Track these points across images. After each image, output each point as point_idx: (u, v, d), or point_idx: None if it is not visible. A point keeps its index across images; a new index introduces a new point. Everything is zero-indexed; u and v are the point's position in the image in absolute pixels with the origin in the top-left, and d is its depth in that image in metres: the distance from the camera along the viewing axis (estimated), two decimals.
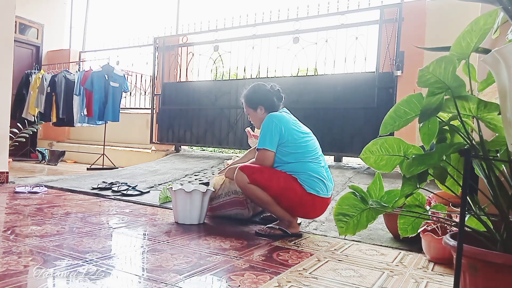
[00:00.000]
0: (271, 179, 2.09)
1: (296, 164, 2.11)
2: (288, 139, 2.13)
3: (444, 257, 1.71)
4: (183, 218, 2.30)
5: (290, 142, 2.13)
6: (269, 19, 4.79)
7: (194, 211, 2.29)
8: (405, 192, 1.18)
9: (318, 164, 2.14)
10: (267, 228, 2.16)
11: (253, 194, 2.13)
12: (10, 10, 3.56)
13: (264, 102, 2.29)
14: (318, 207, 2.13)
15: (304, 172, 2.10)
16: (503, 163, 1.06)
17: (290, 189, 2.08)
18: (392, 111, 1.13)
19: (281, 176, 2.10)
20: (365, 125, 4.07)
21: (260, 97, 2.30)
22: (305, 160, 2.12)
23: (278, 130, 2.13)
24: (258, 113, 2.31)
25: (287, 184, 2.08)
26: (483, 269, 0.93)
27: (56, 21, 7.55)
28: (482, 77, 1.18)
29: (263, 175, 2.11)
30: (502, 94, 0.86)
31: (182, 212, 2.29)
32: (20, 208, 2.50)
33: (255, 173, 2.11)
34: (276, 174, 2.11)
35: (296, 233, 2.14)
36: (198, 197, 2.28)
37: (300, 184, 2.08)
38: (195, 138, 5.40)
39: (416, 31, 3.92)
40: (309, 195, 2.07)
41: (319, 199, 2.10)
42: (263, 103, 2.29)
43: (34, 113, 6.18)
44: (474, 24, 0.99)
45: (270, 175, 2.11)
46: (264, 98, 2.29)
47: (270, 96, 2.30)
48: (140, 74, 6.70)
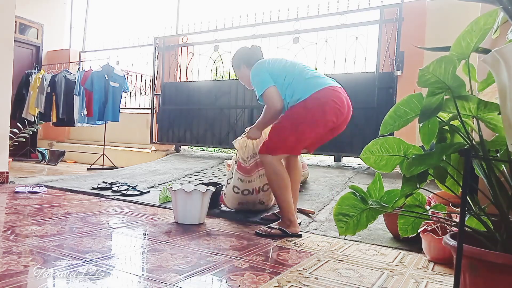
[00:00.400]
0: (280, 132, 2.18)
1: (297, 89, 2.19)
2: (278, 67, 2.25)
3: (444, 257, 1.71)
4: (183, 218, 2.30)
5: (280, 70, 2.24)
6: (269, 19, 4.78)
7: (194, 211, 2.29)
8: (405, 192, 1.18)
9: (312, 75, 2.23)
10: (267, 228, 2.16)
11: (275, 172, 2.16)
12: (10, 10, 3.56)
13: (244, 59, 2.44)
14: (335, 98, 2.17)
15: (305, 91, 2.16)
16: (503, 163, 1.06)
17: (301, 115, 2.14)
18: (392, 111, 1.13)
19: (286, 120, 2.19)
20: (365, 125, 4.06)
21: (239, 56, 2.47)
22: (301, 80, 2.20)
23: (264, 69, 2.26)
24: (243, 71, 2.45)
25: (295, 117, 2.15)
26: (483, 269, 0.93)
27: (56, 21, 7.55)
28: (482, 77, 1.18)
29: (273, 138, 2.19)
30: (502, 94, 0.86)
31: (182, 212, 2.29)
32: (20, 208, 2.50)
33: (268, 146, 2.18)
34: (278, 128, 2.20)
35: (296, 233, 2.14)
36: (198, 197, 2.28)
37: (309, 102, 2.14)
38: (195, 138, 5.40)
39: (416, 31, 3.92)
40: (317, 95, 2.14)
41: (329, 90, 2.16)
42: (244, 60, 2.44)
43: (34, 113, 6.18)
44: (474, 24, 0.99)
45: (277, 133, 2.20)
46: (242, 56, 2.45)
47: (247, 53, 2.45)
48: (140, 74, 6.70)
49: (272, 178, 2.18)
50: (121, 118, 5.69)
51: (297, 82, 2.19)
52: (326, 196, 3.07)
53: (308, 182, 3.47)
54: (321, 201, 2.92)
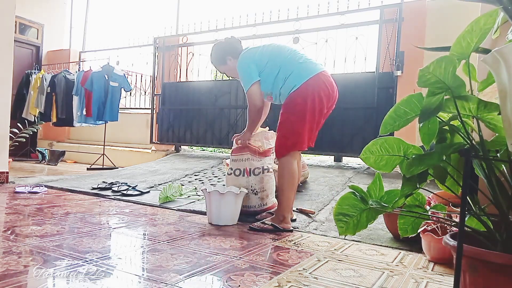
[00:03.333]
0: (292, 127, 2.18)
1: (291, 75, 2.19)
2: (266, 55, 2.24)
3: (444, 257, 1.71)
4: (217, 219, 2.32)
5: (269, 57, 2.23)
6: (269, 19, 4.78)
7: (228, 212, 2.31)
8: (405, 192, 1.18)
9: (305, 60, 2.23)
10: (260, 223, 2.23)
11: (290, 171, 2.20)
12: (10, 10, 3.56)
13: (228, 51, 2.39)
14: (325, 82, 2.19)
15: (300, 77, 2.17)
16: (503, 163, 1.06)
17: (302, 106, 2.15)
18: (392, 111, 1.13)
19: (290, 115, 2.18)
20: (365, 125, 4.06)
21: (222, 51, 2.40)
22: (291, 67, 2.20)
23: (251, 60, 2.25)
24: (230, 64, 2.40)
25: (298, 109, 2.15)
26: (483, 269, 0.93)
27: (56, 21, 7.55)
28: (482, 77, 1.18)
29: (287, 134, 2.20)
30: (502, 94, 0.86)
31: (216, 213, 2.31)
32: (20, 208, 2.50)
33: (287, 145, 2.20)
34: (288, 123, 2.20)
35: (288, 229, 2.21)
36: (231, 198, 2.31)
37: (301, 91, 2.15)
38: (195, 138, 5.40)
39: (416, 31, 3.92)
40: (311, 82, 2.14)
41: (322, 75, 2.17)
42: (228, 53, 2.39)
43: (34, 113, 6.18)
44: (474, 24, 0.99)
45: (284, 128, 2.20)
46: (227, 49, 2.39)
47: (230, 45, 2.40)
48: (140, 74, 6.70)
49: (286, 177, 2.22)
50: (121, 118, 5.68)
51: (289, 67, 2.20)
52: (326, 196, 3.07)
53: (308, 182, 3.47)
54: (321, 201, 2.92)
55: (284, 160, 2.22)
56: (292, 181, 2.22)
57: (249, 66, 2.24)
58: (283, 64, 2.21)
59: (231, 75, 2.50)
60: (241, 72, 2.29)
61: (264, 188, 2.52)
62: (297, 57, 2.23)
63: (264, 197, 2.53)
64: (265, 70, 2.24)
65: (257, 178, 2.52)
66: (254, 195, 2.53)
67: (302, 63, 2.20)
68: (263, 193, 2.53)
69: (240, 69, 2.29)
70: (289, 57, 2.23)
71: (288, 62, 2.22)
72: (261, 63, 2.24)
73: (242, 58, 2.29)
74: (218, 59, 2.42)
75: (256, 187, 2.52)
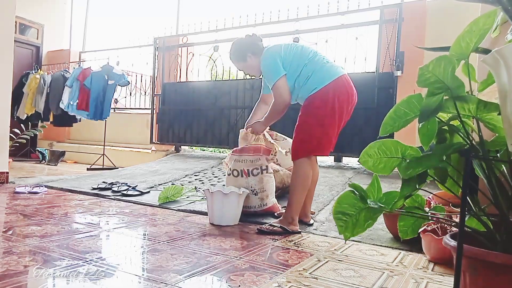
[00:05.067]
0: (310, 131, 2.17)
1: (313, 76, 2.17)
2: (291, 53, 2.21)
3: (444, 257, 1.71)
4: (219, 219, 2.32)
5: (293, 56, 2.20)
6: (269, 19, 4.79)
7: (231, 212, 2.31)
8: (404, 193, 1.17)
9: (327, 62, 2.23)
10: (268, 226, 2.19)
11: (304, 174, 2.19)
12: (10, 10, 3.56)
13: (249, 48, 2.34)
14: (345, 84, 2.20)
15: (322, 79, 2.16)
16: (503, 163, 1.06)
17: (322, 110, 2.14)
18: (392, 111, 1.13)
19: (309, 117, 2.17)
20: (365, 125, 4.06)
21: (244, 47, 2.35)
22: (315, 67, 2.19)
23: (277, 55, 2.21)
24: (250, 62, 2.36)
25: (319, 113, 2.15)
26: (483, 269, 0.93)
27: (56, 21, 7.55)
28: (482, 77, 1.18)
29: (298, 140, 2.19)
30: (502, 94, 0.86)
31: (218, 213, 2.31)
32: (20, 208, 2.50)
33: (306, 148, 2.18)
34: (306, 126, 2.19)
35: (296, 231, 2.19)
36: (234, 198, 2.31)
37: (323, 94, 2.14)
38: (195, 138, 5.40)
39: (416, 31, 3.92)
40: (333, 86, 2.14)
41: (344, 79, 2.19)
42: (249, 50, 2.33)
43: (29, 112, 6.07)
44: (474, 25, 0.99)
45: (302, 131, 2.19)
46: (248, 46, 2.34)
47: (251, 42, 2.35)
48: (140, 74, 6.70)
49: (299, 179, 2.21)
50: (121, 118, 5.68)
51: (311, 67, 2.18)
52: (326, 196, 3.07)
53: None
54: (321, 201, 2.92)
55: (299, 162, 2.20)
56: (305, 184, 2.20)
57: (275, 60, 2.20)
58: (306, 64, 2.19)
59: (249, 73, 2.46)
60: (267, 66, 2.23)
61: (264, 189, 2.52)
62: (319, 59, 2.21)
63: (264, 197, 2.53)
64: (288, 68, 2.21)
65: (256, 178, 2.52)
66: (254, 195, 2.53)
67: (324, 65, 2.19)
68: (263, 193, 2.52)
69: (266, 63, 2.23)
70: (311, 57, 2.21)
71: (310, 62, 2.20)
72: (286, 61, 2.21)
73: (268, 52, 2.24)
74: (238, 55, 2.36)
75: (256, 187, 2.51)
